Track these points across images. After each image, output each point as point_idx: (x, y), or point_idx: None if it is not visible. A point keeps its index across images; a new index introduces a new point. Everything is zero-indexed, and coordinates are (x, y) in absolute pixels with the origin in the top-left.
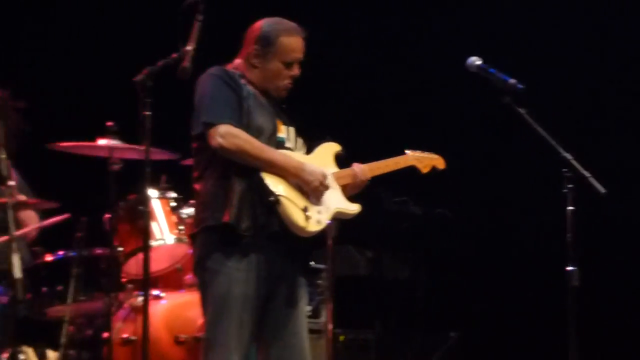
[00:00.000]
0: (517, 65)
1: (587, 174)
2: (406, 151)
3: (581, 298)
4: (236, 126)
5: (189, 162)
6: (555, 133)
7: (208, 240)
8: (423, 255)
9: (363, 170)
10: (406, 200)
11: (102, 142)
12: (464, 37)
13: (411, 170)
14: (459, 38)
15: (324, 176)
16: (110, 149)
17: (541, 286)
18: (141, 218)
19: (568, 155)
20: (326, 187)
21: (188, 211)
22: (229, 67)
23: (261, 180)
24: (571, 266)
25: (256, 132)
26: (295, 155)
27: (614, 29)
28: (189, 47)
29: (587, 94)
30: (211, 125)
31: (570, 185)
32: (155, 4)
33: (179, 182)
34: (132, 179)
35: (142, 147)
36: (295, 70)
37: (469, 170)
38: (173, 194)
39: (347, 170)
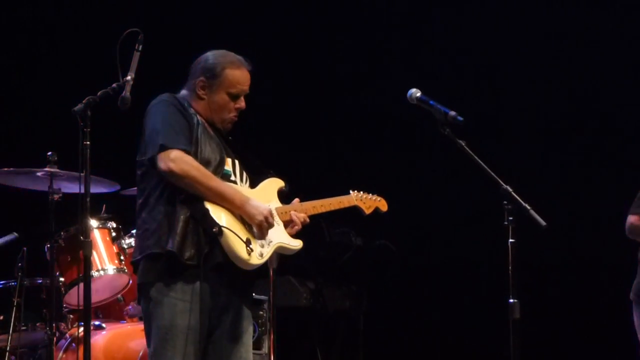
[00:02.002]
0: (456, 96)
1: (527, 206)
2: (350, 192)
3: (522, 330)
4: (186, 152)
5: (129, 192)
6: (495, 165)
7: (151, 269)
8: (365, 286)
9: (303, 208)
10: (347, 231)
11: (41, 171)
12: (408, 71)
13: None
14: (404, 72)
15: (270, 212)
16: (50, 178)
17: (483, 318)
18: (82, 248)
19: (508, 188)
20: (271, 224)
21: (129, 241)
22: (180, 95)
23: (205, 211)
24: (512, 298)
25: (204, 163)
26: (241, 189)
27: (556, 63)
28: (129, 77)
29: (528, 126)
30: (164, 148)
31: (510, 218)
32: (95, 33)
33: (120, 212)
34: (72, 209)
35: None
36: (241, 103)
37: (411, 202)
38: (113, 224)
39: (289, 207)
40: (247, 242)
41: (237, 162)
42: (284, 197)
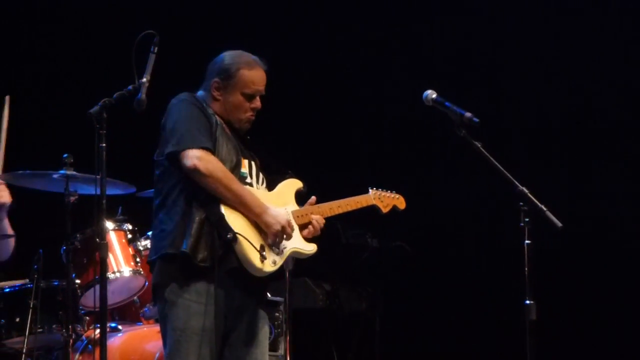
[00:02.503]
0: (473, 97)
1: (543, 207)
2: (369, 189)
3: (539, 332)
4: (212, 153)
5: (145, 194)
6: (511, 166)
7: (165, 269)
8: (381, 288)
9: (320, 210)
10: (363, 233)
11: (58, 174)
12: (422, 71)
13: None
14: (418, 73)
15: (287, 222)
16: (66, 180)
17: (499, 319)
18: (98, 250)
19: (524, 189)
20: (288, 235)
21: (145, 243)
22: (197, 95)
23: (221, 215)
24: (528, 300)
25: (222, 163)
26: (259, 193)
27: (571, 65)
28: (144, 80)
29: (543, 128)
30: (188, 146)
31: (526, 219)
32: (111, 36)
33: (136, 214)
34: (88, 211)
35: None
36: (257, 103)
37: (427, 203)
38: (129, 226)
39: (306, 210)
40: (261, 249)
41: (253, 163)
42: (302, 198)
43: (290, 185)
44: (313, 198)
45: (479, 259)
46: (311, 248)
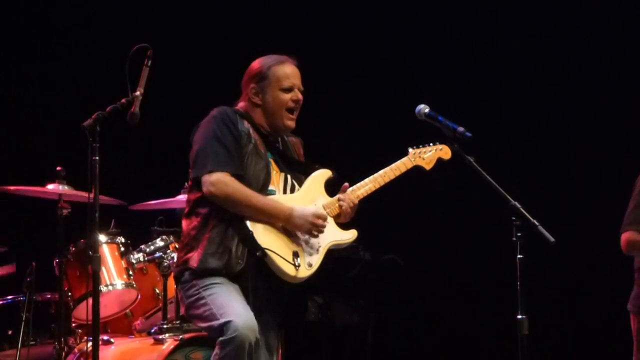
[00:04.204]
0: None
1: (536, 222)
2: (409, 150)
3: (531, 346)
4: (231, 174)
5: (137, 207)
6: (503, 181)
7: (183, 275)
8: (373, 301)
9: (348, 197)
10: (356, 246)
11: (51, 186)
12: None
13: (362, 218)
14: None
15: (315, 216)
16: (59, 193)
17: (491, 334)
18: (90, 263)
19: (516, 204)
20: (320, 228)
21: (137, 256)
22: (236, 107)
23: (250, 234)
24: (521, 314)
25: (247, 184)
26: (282, 198)
27: (564, 74)
28: (138, 93)
29: (537, 140)
30: (208, 172)
31: (519, 234)
32: (105, 49)
33: (128, 227)
34: (81, 224)
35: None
36: (298, 95)
37: (419, 217)
38: (122, 239)
39: (334, 200)
40: (294, 256)
41: (289, 176)
42: (334, 186)
43: (318, 178)
44: (345, 185)
45: (471, 273)
46: (350, 235)
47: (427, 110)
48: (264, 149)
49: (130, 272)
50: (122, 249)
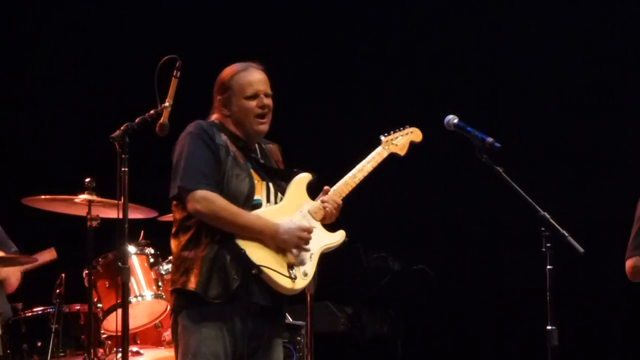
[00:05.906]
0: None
1: (565, 233)
2: (382, 138)
3: (561, 357)
4: (213, 191)
5: (166, 218)
6: (533, 191)
7: (180, 299)
8: (402, 311)
9: (337, 194)
10: (385, 256)
11: (80, 197)
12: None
13: (392, 228)
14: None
15: (300, 228)
16: (88, 205)
17: (521, 345)
18: (120, 274)
19: (546, 214)
20: (307, 240)
21: (167, 267)
22: (210, 119)
23: (242, 253)
24: (550, 325)
25: (231, 198)
26: (270, 213)
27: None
28: (167, 104)
29: (564, 152)
30: (188, 190)
31: (548, 244)
32: (134, 60)
33: (157, 238)
34: (111, 235)
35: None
36: (264, 101)
37: (448, 227)
38: (151, 250)
39: (319, 203)
40: (289, 269)
41: (271, 184)
42: (315, 187)
43: (300, 183)
44: (325, 188)
45: (501, 283)
46: (339, 237)
47: (455, 120)
48: (243, 160)
49: (160, 283)
50: (152, 260)
